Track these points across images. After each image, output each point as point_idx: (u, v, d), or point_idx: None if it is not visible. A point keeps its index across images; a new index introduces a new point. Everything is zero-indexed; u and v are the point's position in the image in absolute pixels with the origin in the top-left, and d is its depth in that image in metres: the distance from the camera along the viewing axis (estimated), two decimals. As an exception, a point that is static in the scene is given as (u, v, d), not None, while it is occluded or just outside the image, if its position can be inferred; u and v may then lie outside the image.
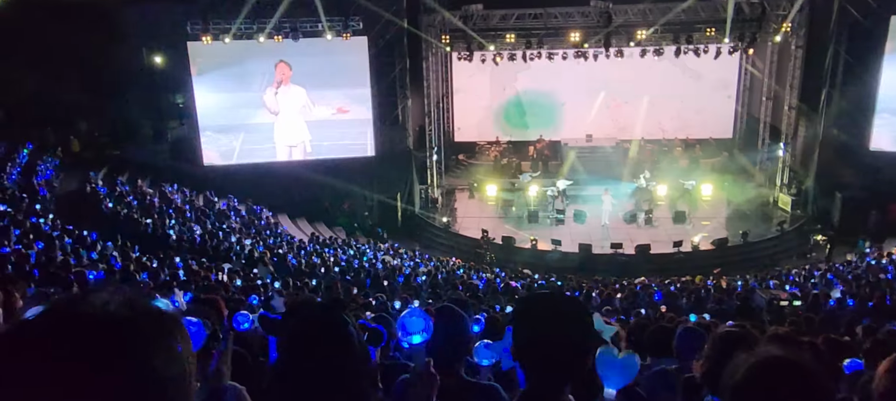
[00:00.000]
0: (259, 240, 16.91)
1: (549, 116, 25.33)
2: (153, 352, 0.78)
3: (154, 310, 0.83)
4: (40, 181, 18.12)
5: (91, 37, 22.30)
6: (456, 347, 2.44)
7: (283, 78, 21.56)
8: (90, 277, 7.66)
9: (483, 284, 14.89)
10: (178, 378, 0.81)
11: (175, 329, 0.84)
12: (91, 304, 0.78)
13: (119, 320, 0.77)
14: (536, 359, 1.73)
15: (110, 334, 0.75)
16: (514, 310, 1.94)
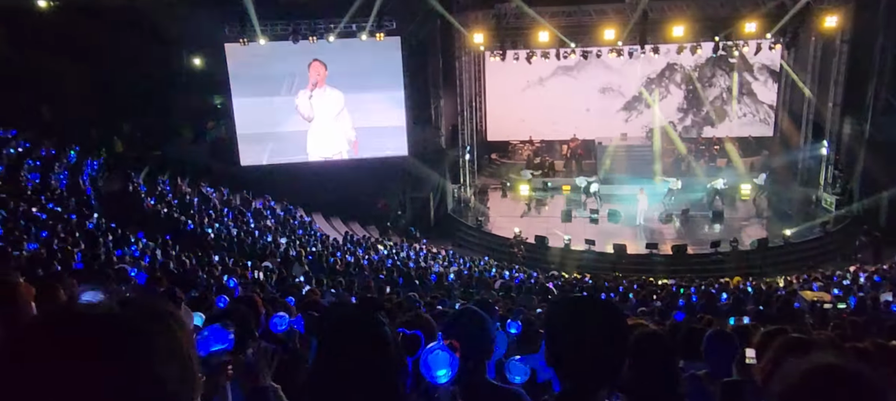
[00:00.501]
0: (294, 239, 17.15)
1: (581, 114, 25.08)
2: (151, 349, 0.79)
3: (151, 307, 0.84)
4: (86, 181, 18.71)
5: (133, 40, 22.97)
6: (478, 349, 2.43)
7: (319, 79, 21.80)
8: (131, 273, 7.87)
9: (516, 283, 14.82)
10: (179, 374, 0.82)
11: (173, 325, 0.84)
12: (89, 304, 0.80)
13: (115, 318, 0.79)
14: (570, 364, 1.71)
15: (107, 333, 0.77)
16: (546, 314, 1.92)
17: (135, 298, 0.84)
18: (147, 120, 24.36)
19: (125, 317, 0.80)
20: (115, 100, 22.85)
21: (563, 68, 24.11)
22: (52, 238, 10.76)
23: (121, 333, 0.78)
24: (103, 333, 0.77)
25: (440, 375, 1.88)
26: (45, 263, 7.51)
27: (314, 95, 21.89)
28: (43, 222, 12.33)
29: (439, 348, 1.90)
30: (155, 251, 12.27)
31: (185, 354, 0.84)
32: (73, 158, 20.17)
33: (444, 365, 1.88)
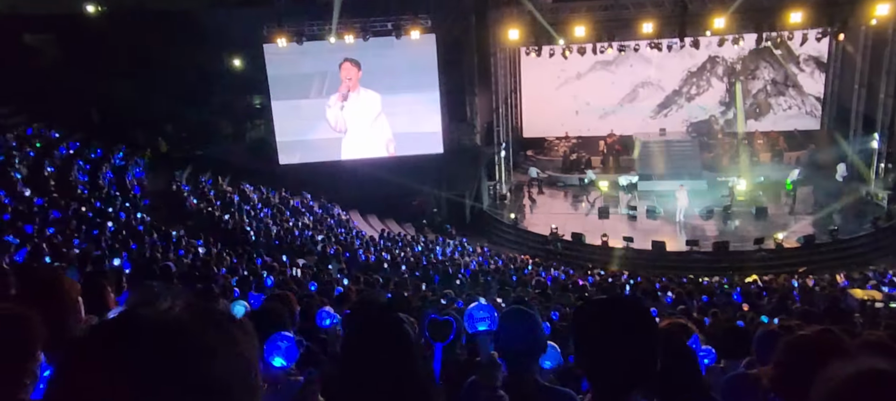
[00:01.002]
0: (331, 236, 17.37)
1: (618, 109, 24.73)
2: (215, 356, 0.79)
3: (216, 314, 0.85)
4: (132, 180, 19.30)
5: (176, 43, 23.61)
6: (528, 349, 2.41)
7: (351, 83, 21.89)
8: (173, 270, 8.10)
9: (551, 281, 14.70)
10: (243, 382, 0.82)
11: (238, 333, 0.85)
12: (155, 309, 0.81)
13: (181, 324, 0.80)
14: (598, 366, 1.69)
15: (172, 340, 0.77)
16: (574, 317, 1.89)
17: (199, 304, 0.85)
18: (189, 121, 25.01)
19: (189, 323, 0.81)
20: (159, 101, 23.52)
21: (600, 63, 23.78)
22: (100, 237, 11.14)
23: (183, 338, 0.79)
24: (167, 338, 0.78)
25: (480, 325, 1.97)
26: (94, 261, 7.78)
27: (347, 104, 21.94)
28: (92, 221, 12.78)
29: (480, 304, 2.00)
30: (198, 249, 12.59)
31: (248, 362, 0.84)
32: (119, 159, 20.83)
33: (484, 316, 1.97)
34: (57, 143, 19.66)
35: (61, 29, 25.10)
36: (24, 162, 16.60)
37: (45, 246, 8.39)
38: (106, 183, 17.94)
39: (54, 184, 15.91)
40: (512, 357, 2.31)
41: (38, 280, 2.53)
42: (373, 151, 22.21)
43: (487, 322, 2.06)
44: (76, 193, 15.61)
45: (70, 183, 16.50)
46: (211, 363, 0.79)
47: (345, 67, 21.85)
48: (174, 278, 7.41)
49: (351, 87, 22.02)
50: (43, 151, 18.32)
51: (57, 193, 14.87)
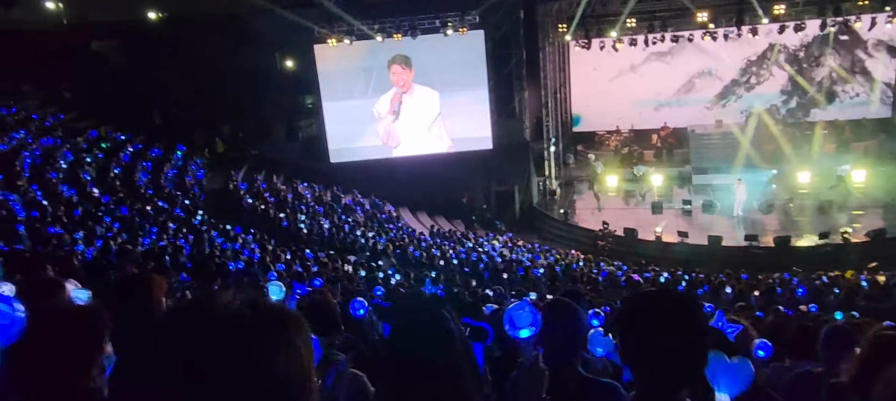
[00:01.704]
0: (382, 233, 17.58)
1: (673, 101, 24.06)
2: (275, 350, 0.81)
3: (276, 309, 0.87)
4: (191, 180, 20.02)
5: (231, 45, 24.35)
6: (570, 341, 2.37)
7: (404, 86, 21.92)
8: (231, 267, 8.37)
9: (604, 277, 14.46)
10: (300, 376, 0.84)
11: (296, 328, 0.86)
12: (217, 303, 0.83)
13: (242, 319, 0.82)
14: (645, 363, 1.64)
15: (233, 333, 0.80)
16: (620, 311, 1.84)
17: (261, 301, 0.87)
18: (245, 121, 25.75)
19: (252, 318, 0.83)
20: (216, 103, 24.31)
21: (655, 54, 23.12)
22: (161, 234, 11.60)
23: (246, 333, 0.81)
24: (231, 332, 0.80)
25: (523, 332, 1.89)
26: (156, 257, 8.11)
27: (401, 111, 21.95)
28: (154, 219, 13.32)
29: (521, 308, 1.91)
30: (253, 246, 12.95)
31: (304, 358, 0.86)
32: (179, 159, 21.64)
33: (526, 322, 1.88)
34: (122, 145, 20.56)
35: (125, 35, 26.26)
36: (92, 164, 17.44)
37: (112, 243, 8.80)
38: (167, 183, 18.66)
39: (120, 184, 16.66)
40: (552, 348, 2.29)
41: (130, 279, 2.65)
42: (423, 149, 22.32)
43: (530, 328, 1.96)
44: (140, 193, 16.31)
45: (134, 183, 17.25)
46: (270, 358, 0.81)
47: (394, 70, 21.90)
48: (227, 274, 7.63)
49: (404, 90, 22.05)
50: (109, 153, 19.19)
51: (123, 193, 15.58)
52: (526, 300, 1.99)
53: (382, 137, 22.47)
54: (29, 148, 16.30)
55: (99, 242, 9.06)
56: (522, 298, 1.97)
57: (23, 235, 8.58)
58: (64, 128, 19.81)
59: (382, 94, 22.22)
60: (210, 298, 0.85)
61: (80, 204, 12.93)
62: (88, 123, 21.45)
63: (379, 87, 22.20)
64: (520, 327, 1.90)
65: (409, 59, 21.82)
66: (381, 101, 22.30)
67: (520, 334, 1.91)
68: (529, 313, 1.91)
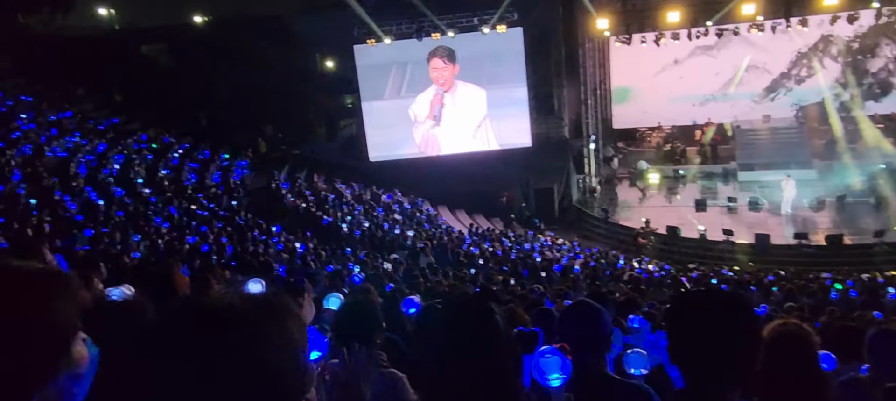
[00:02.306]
0: (421, 231, 17.66)
1: (720, 96, 23.44)
2: (270, 342, 0.83)
3: (270, 303, 0.88)
4: (236, 180, 20.51)
5: (274, 47, 24.86)
6: (594, 341, 2.35)
7: (445, 83, 21.85)
8: (281, 270, 8.55)
9: (646, 276, 14.21)
10: (295, 368, 0.86)
11: (290, 321, 0.88)
12: (214, 298, 0.86)
13: (236, 312, 0.84)
14: (693, 363, 1.62)
15: (228, 326, 0.82)
16: (668, 309, 1.81)
17: (254, 294, 0.89)
18: (286, 121, 26.26)
19: (244, 310, 0.84)
20: (259, 103, 24.85)
21: (701, 48, 22.55)
22: (207, 233, 11.93)
23: (238, 325, 0.83)
24: (222, 324, 0.82)
25: (553, 379, 1.84)
26: (202, 255, 8.35)
27: (443, 113, 21.88)
28: (201, 218, 13.71)
29: (550, 353, 1.87)
30: (295, 244, 13.20)
31: (299, 350, 0.88)
32: (224, 160, 22.20)
33: (556, 369, 1.84)
34: (170, 146, 21.21)
35: (173, 39, 27.12)
36: (142, 164, 18.05)
37: (161, 242, 9.09)
38: (213, 183, 19.17)
39: (168, 184, 17.20)
40: (577, 349, 2.28)
41: (153, 274, 2.76)
42: (461, 147, 22.33)
43: (560, 375, 1.88)
44: (187, 193, 16.80)
45: (182, 183, 17.78)
46: (264, 349, 0.83)
47: (434, 65, 21.68)
48: (270, 272, 7.80)
49: (446, 88, 21.88)
50: (158, 155, 19.82)
51: (171, 193, 16.08)
52: (553, 347, 1.93)
53: (419, 145, 22.36)
54: (84, 151, 16.97)
55: (142, 239, 9.39)
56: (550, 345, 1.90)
57: (78, 235, 8.95)
58: (116, 130, 20.55)
59: (419, 93, 22.16)
60: (203, 293, 0.87)
61: (131, 204, 13.41)
62: (138, 126, 22.20)
63: (416, 86, 22.22)
64: (549, 375, 1.86)
65: (454, 52, 21.54)
66: (419, 102, 22.20)
67: (550, 382, 1.86)
68: (559, 359, 1.86)
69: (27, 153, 14.84)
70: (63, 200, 11.55)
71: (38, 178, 13.09)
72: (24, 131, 16.49)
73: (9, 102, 18.03)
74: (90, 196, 12.81)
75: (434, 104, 22.00)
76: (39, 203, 10.79)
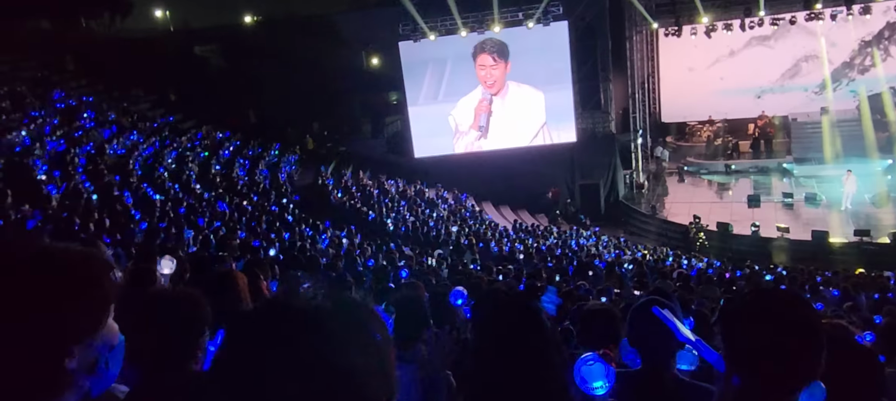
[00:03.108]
0: (465, 227, 17.69)
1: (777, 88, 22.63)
2: (353, 346, 0.84)
3: (351, 302, 0.90)
4: (284, 176, 20.96)
5: (321, 45, 25.30)
6: (664, 343, 2.25)
7: (496, 84, 21.48)
8: (322, 262, 8.71)
9: (695, 273, 13.85)
10: (379, 371, 0.86)
11: (374, 324, 0.89)
12: (299, 298, 0.88)
13: (323, 314, 0.86)
14: (749, 365, 1.56)
15: (315, 328, 0.84)
16: (723, 309, 1.76)
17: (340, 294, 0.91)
18: (333, 118, 26.68)
19: (330, 313, 0.86)
20: (306, 101, 25.32)
21: (757, 38, 21.79)
22: (257, 228, 12.24)
23: (325, 327, 0.85)
24: (303, 325, 0.84)
25: (596, 387, 1.82)
26: (252, 250, 8.58)
27: (491, 122, 21.45)
28: (250, 214, 14.08)
29: (593, 360, 1.84)
30: (341, 240, 13.41)
31: (382, 352, 0.88)
32: (273, 156, 22.72)
33: (599, 377, 1.81)
34: (222, 143, 21.84)
35: (224, 39, 27.90)
36: (195, 161, 18.65)
37: (212, 237, 9.39)
38: (262, 179, 19.65)
39: (220, 180, 17.72)
40: (646, 351, 2.23)
41: (217, 274, 2.87)
42: (505, 143, 22.20)
43: (604, 382, 1.81)
44: (237, 189, 17.28)
45: (233, 179, 18.29)
46: (349, 352, 0.84)
47: (482, 61, 21.11)
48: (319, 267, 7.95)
49: (495, 90, 21.30)
50: (211, 152, 20.44)
51: (222, 189, 16.57)
52: (595, 354, 1.89)
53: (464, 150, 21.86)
54: (140, 148, 17.66)
55: (195, 234, 9.70)
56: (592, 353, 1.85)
57: (136, 230, 9.34)
58: (170, 128, 21.29)
59: (462, 96, 21.72)
60: (289, 294, 0.90)
61: (185, 200, 13.88)
62: (192, 124, 22.94)
63: (460, 84, 22.03)
64: (592, 383, 1.82)
65: (505, 47, 20.85)
66: (461, 107, 21.57)
67: (594, 391, 1.82)
68: (601, 366, 1.82)
69: (90, 151, 15.54)
70: (122, 196, 12.05)
71: (99, 174, 13.70)
72: (87, 130, 17.27)
73: (72, 102, 18.90)
74: (147, 192, 13.31)
75: (479, 113, 21.51)
76: (100, 199, 11.29)
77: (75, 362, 0.98)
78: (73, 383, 0.99)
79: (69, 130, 16.59)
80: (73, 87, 20.50)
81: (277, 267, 6.77)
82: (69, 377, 0.98)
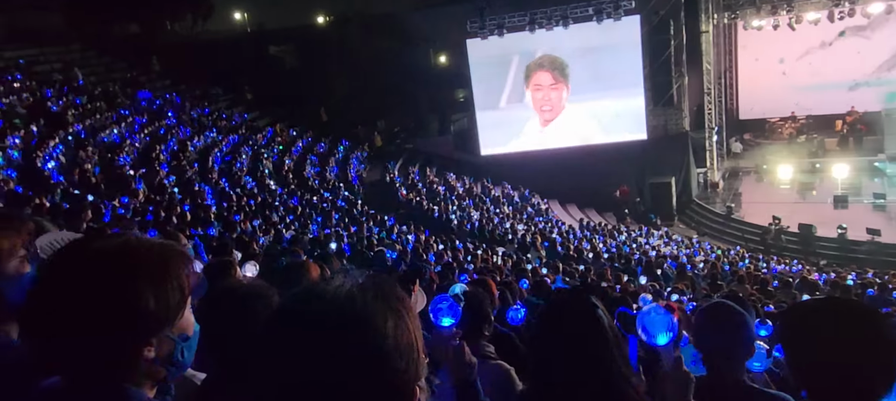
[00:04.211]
0: (531, 225, 17.56)
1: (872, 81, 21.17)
2: (383, 331, 0.87)
3: (384, 291, 0.92)
4: (352, 173, 21.45)
5: (389, 44, 25.71)
6: (732, 349, 2.19)
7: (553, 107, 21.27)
8: (389, 255, 8.88)
9: (774, 275, 13.19)
10: (408, 355, 0.89)
11: (402, 310, 0.91)
12: (332, 284, 0.91)
13: (352, 299, 0.88)
14: (815, 380, 1.49)
15: (343, 311, 0.87)
16: (781, 318, 1.67)
17: (369, 282, 0.93)
18: (400, 115, 27.05)
19: (359, 298, 0.89)
20: (375, 98, 25.80)
21: (853, 28, 20.43)
22: (326, 223, 12.60)
23: (353, 313, 0.87)
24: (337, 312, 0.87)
25: (660, 338, 1.80)
26: (321, 245, 8.84)
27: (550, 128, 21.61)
28: (321, 209, 14.50)
29: (656, 312, 1.82)
30: (408, 236, 13.61)
31: (412, 337, 0.91)
32: (342, 153, 23.28)
33: (662, 328, 1.79)
34: (294, 140, 22.59)
35: (298, 39, 28.82)
36: (269, 158, 19.38)
37: (285, 232, 9.74)
38: (332, 176, 20.18)
39: (292, 177, 18.34)
40: (712, 356, 2.16)
41: (289, 264, 2.99)
42: (573, 140, 21.86)
43: (667, 333, 1.80)
44: (309, 185, 17.83)
45: (304, 176, 18.88)
46: (378, 336, 0.86)
47: (537, 81, 21.16)
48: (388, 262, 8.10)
49: (551, 115, 21.35)
50: (283, 148, 21.18)
51: (294, 185, 17.15)
52: (658, 305, 1.87)
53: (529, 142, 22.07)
54: (219, 144, 18.51)
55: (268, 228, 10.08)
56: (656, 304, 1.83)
57: (214, 222, 9.81)
58: (246, 126, 22.20)
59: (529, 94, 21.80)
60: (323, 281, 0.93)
61: (259, 195, 14.46)
62: (266, 121, 23.83)
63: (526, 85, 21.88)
64: (655, 334, 1.81)
65: (565, 66, 21.02)
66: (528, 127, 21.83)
67: (657, 340, 1.81)
68: (664, 317, 1.80)
69: (173, 147, 16.44)
70: (202, 190, 12.68)
71: (181, 170, 14.47)
72: (170, 128, 18.27)
73: (157, 101, 20.03)
74: (224, 187, 13.95)
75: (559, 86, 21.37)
76: (182, 193, 11.92)
77: (153, 351, 1.05)
78: (151, 372, 1.06)
79: (155, 127, 17.60)
80: (158, 86, 21.73)
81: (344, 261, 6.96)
82: (147, 367, 1.05)
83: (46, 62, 19.10)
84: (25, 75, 17.04)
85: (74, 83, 18.16)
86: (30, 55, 18.88)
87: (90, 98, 17.43)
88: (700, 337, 2.24)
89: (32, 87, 16.48)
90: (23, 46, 19.12)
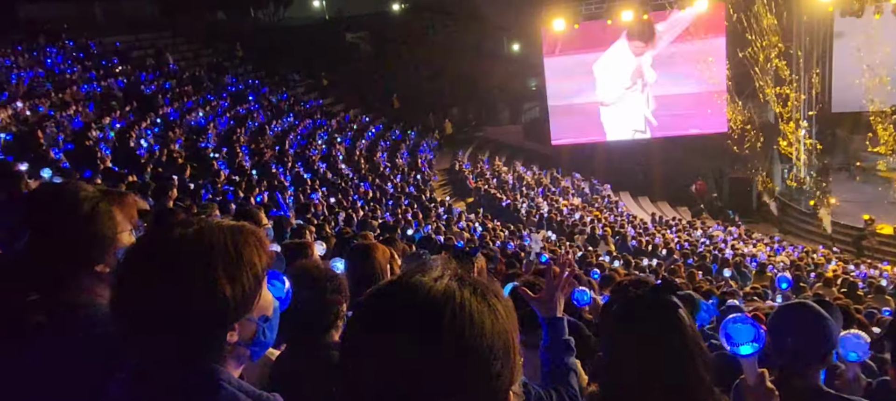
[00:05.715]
0: (600, 218, 17.22)
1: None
2: (480, 327, 0.84)
3: (475, 283, 0.89)
4: (423, 160, 21.66)
5: (463, 31, 25.71)
6: (809, 351, 2.11)
7: None
8: (458, 246, 8.94)
9: (863, 278, 12.39)
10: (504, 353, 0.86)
11: (500, 307, 0.88)
12: (426, 277, 0.88)
13: (449, 294, 0.86)
14: None
15: (434, 307, 0.84)
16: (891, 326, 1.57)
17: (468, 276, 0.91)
18: (472, 103, 27.05)
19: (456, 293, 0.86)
20: (447, 86, 25.89)
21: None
22: (396, 208, 12.82)
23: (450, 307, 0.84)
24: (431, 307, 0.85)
25: (743, 349, 1.73)
26: (390, 230, 9.01)
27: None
28: (391, 195, 14.76)
29: (741, 321, 1.74)
30: (475, 224, 13.66)
31: (509, 335, 0.88)
32: (413, 140, 23.54)
33: (747, 338, 1.71)
34: (367, 126, 23.03)
35: (373, 27, 29.28)
36: (342, 143, 19.86)
37: (355, 216, 9.99)
38: (403, 162, 20.46)
39: (364, 162, 18.73)
40: (784, 355, 2.08)
41: (359, 245, 3.10)
42: (647, 132, 21.18)
43: (751, 344, 1.72)
44: (380, 171, 18.16)
45: (375, 161, 19.25)
46: (475, 333, 0.84)
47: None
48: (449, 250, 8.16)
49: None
50: (356, 134, 21.64)
51: (365, 170, 17.51)
52: (744, 315, 1.79)
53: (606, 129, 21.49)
54: (295, 129, 19.13)
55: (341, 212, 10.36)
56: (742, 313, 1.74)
57: (289, 204, 10.19)
58: (322, 111, 22.81)
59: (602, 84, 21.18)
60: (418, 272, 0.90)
61: (332, 179, 14.87)
62: (341, 107, 24.40)
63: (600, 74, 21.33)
64: (739, 344, 1.72)
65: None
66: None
67: (740, 350, 1.72)
68: (751, 327, 1.71)
69: (253, 130, 17.14)
70: (278, 173, 13.18)
71: (260, 153, 15.07)
72: (250, 111, 19.03)
73: (240, 86, 20.90)
74: (300, 171, 14.43)
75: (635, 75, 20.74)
76: (260, 175, 12.43)
77: (236, 335, 1.10)
78: (235, 353, 1.12)
79: (236, 112, 18.39)
80: (241, 72, 22.65)
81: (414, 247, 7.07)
82: (232, 349, 1.10)
83: (141, 48, 20.29)
84: (122, 60, 18.17)
85: (165, 68, 19.22)
86: (126, 41, 20.10)
87: (179, 82, 18.40)
88: (776, 338, 2.14)
89: (129, 70, 17.58)
90: (120, 33, 20.37)
